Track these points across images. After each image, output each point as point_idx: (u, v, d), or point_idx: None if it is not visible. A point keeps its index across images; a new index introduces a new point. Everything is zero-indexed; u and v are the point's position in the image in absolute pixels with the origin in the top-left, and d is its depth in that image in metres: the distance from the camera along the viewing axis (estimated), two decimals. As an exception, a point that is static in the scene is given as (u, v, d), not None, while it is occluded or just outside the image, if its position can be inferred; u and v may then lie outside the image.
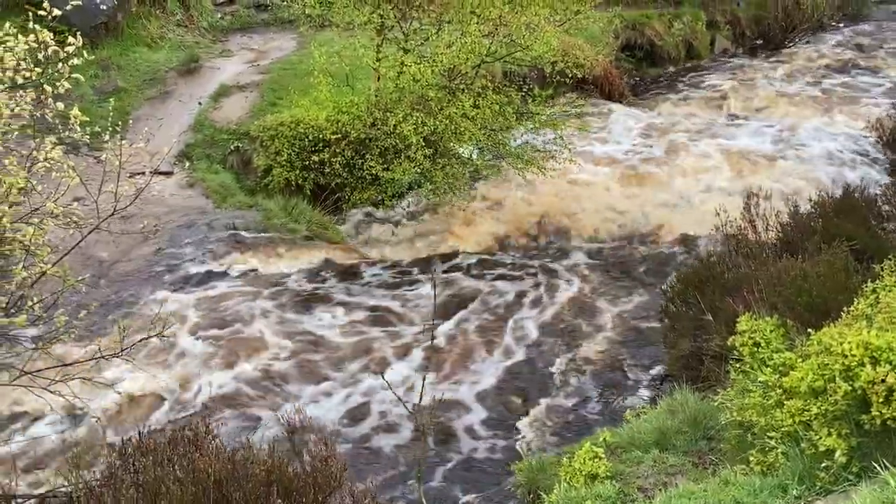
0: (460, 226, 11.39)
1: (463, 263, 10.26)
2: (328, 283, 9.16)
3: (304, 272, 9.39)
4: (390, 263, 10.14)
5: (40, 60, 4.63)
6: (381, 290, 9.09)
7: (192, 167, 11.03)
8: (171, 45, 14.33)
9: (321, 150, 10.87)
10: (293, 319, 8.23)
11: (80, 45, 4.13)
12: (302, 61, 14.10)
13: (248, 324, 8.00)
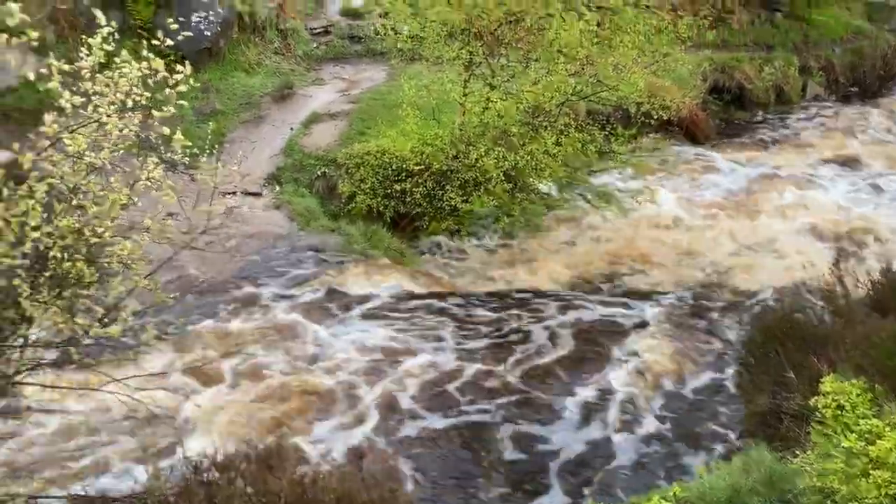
0: (534, 261, 11.35)
1: (534, 300, 10.21)
2: (401, 309, 9.27)
3: (379, 297, 9.53)
4: (462, 294, 10.20)
5: (150, 85, 4.92)
6: (450, 319, 9.13)
7: (280, 190, 11.43)
8: (268, 72, 14.96)
9: (404, 180, 11.09)
10: (365, 340, 8.36)
11: (189, 73, 4.37)
12: (391, 92, 14.48)
13: (322, 343, 8.17)
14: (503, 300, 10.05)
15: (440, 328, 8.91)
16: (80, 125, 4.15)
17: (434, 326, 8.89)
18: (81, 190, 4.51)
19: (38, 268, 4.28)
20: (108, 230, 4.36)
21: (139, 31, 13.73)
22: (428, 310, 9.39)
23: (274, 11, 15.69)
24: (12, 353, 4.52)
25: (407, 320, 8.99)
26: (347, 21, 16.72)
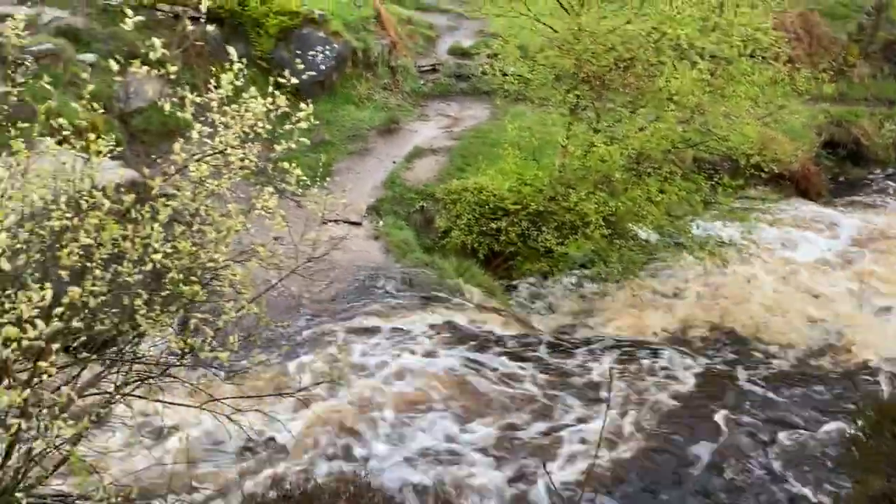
0: (629, 310, 11.10)
1: (626, 349, 9.93)
2: (488, 347, 9.21)
3: (467, 333, 9.52)
4: (553, 337, 10.05)
5: (271, 118, 5.13)
6: (540, 364, 8.99)
7: (379, 221, 11.68)
8: (376, 106, 15.41)
9: (499, 218, 11.12)
10: (449, 376, 8.33)
11: (310, 112, 4.54)
12: (493, 131, 14.64)
13: (411, 375, 8.20)
14: (592, 347, 9.83)
15: (523, 371, 8.78)
16: (206, 154, 4.36)
17: (517, 368, 8.77)
18: (200, 214, 4.74)
19: (154, 286, 4.51)
20: (222, 255, 4.56)
21: (259, 62, 14.50)
22: (513, 350, 9.28)
23: (386, 49, 16.21)
24: (123, 366, 4.76)
25: (490, 358, 8.91)
26: (455, 60, 17.07)
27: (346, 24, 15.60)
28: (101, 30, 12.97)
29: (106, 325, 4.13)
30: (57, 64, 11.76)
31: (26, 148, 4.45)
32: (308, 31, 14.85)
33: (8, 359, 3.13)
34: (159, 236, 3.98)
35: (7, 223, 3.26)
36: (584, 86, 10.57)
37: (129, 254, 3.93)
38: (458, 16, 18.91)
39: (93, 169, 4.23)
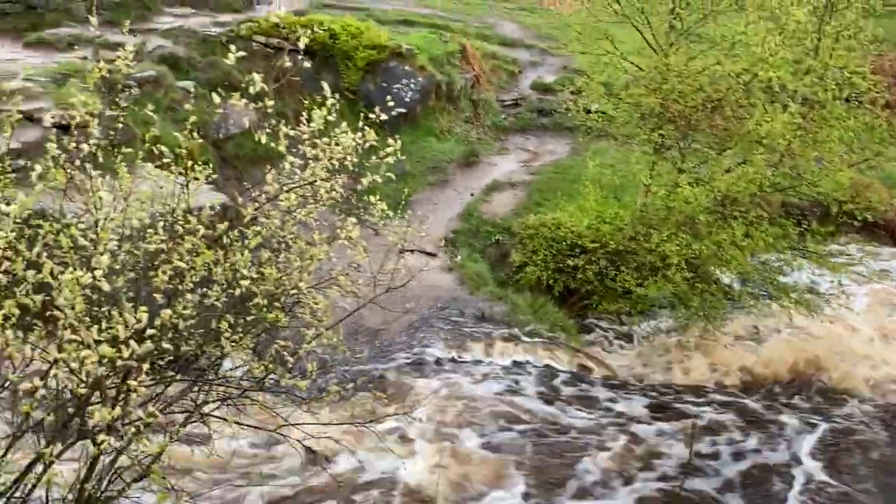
0: (709, 356, 10.73)
1: (706, 397, 9.59)
2: (558, 386, 9.06)
3: (539, 371, 9.39)
4: (628, 380, 9.80)
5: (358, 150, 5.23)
6: (609, 405, 8.78)
7: (455, 252, 11.73)
8: (457, 139, 15.58)
9: (577, 256, 10.99)
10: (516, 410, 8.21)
11: (397, 148, 4.62)
12: (573, 167, 14.57)
13: (483, 407, 8.13)
14: (668, 392, 9.54)
15: (598, 413, 8.58)
16: (297, 185, 4.49)
17: (591, 410, 8.59)
18: (287, 242, 4.87)
19: (238, 310, 4.63)
20: (305, 282, 4.65)
21: (346, 93, 14.91)
22: (585, 391, 9.09)
23: (469, 83, 16.41)
24: (204, 385, 4.89)
25: (564, 399, 8.75)
26: (538, 95, 17.13)
27: (431, 59, 15.89)
28: (199, 58, 13.61)
29: (191, 345, 4.27)
30: (158, 90, 12.39)
31: (128, 171, 4.68)
32: (395, 65, 15.20)
33: (101, 376, 3.25)
34: (248, 262, 4.10)
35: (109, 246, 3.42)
36: (670, 125, 10.41)
37: (218, 278, 4.06)
38: (542, 51, 19.00)
39: (189, 194, 4.41)
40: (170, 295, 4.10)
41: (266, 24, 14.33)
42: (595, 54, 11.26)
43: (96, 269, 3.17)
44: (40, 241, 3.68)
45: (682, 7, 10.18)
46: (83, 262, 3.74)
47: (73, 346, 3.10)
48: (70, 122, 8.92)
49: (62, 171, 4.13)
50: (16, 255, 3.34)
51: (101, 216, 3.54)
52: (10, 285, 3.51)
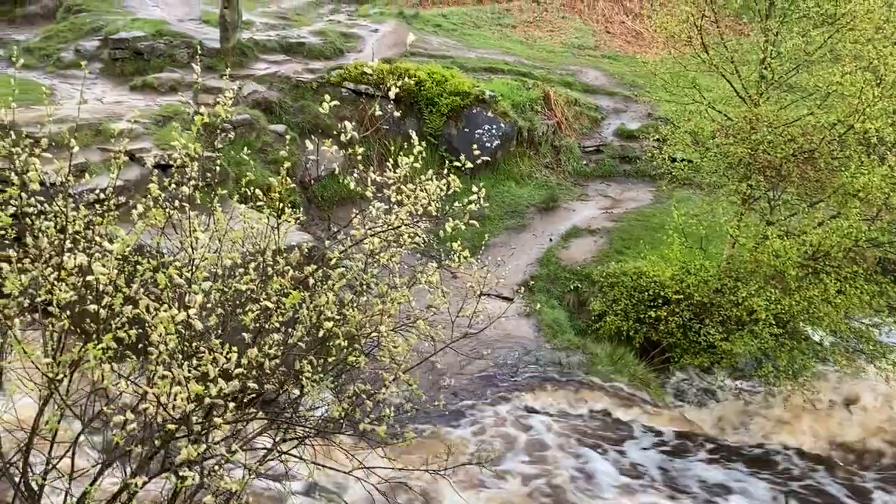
0: (797, 417, 10.21)
1: (792, 462, 9.09)
2: (637, 441, 8.77)
3: (620, 425, 9.14)
4: (708, 438, 9.40)
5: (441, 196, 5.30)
6: (698, 469, 8.42)
7: (531, 298, 11.62)
8: (537, 184, 15.58)
9: (659, 307, 10.72)
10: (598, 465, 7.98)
11: (482, 196, 4.65)
12: (655, 215, 14.30)
13: (559, 463, 7.94)
14: (752, 455, 9.08)
15: (675, 472, 8.25)
16: (382, 230, 4.57)
17: (668, 470, 8.26)
18: (369, 285, 4.95)
19: (319, 350, 4.71)
20: (385, 325, 4.70)
21: (429, 137, 15.19)
22: (668, 448, 8.77)
23: (551, 128, 16.45)
24: (283, 424, 4.97)
25: (641, 455, 8.46)
26: (620, 142, 16.99)
27: (514, 105, 16.03)
28: (291, 103, 14.17)
29: (274, 383, 4.36)
30: (251, 133, 12.94)
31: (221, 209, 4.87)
32: (477, 111, 15.40)
33: (189, 413, 3.35)
34: (332, 305, 4.18)
35: (203, 285, 3.55)
36: (759, 176, 10.10)
37: (303, 319, 4.15)
38: (625, 98, 18.89)
39: (279, 234, 4.55)
40: (256, 333, 4.21)
41: (355, 71, 14.82)
42: (681, 103, 11.11)
43: (190, 308, 3.29)
44: (138, 279, 3.86)
45: (773, 57, 9.96)
46: (178, 298, 3.90)
47: (165, 382, 3.21)
48: (170, 162, 9.42)
49: (161, 212, 4.33)
50: (116, 290, 3.51)
51: (196, 256, 3.70)
52: (108, 319, 3.68)
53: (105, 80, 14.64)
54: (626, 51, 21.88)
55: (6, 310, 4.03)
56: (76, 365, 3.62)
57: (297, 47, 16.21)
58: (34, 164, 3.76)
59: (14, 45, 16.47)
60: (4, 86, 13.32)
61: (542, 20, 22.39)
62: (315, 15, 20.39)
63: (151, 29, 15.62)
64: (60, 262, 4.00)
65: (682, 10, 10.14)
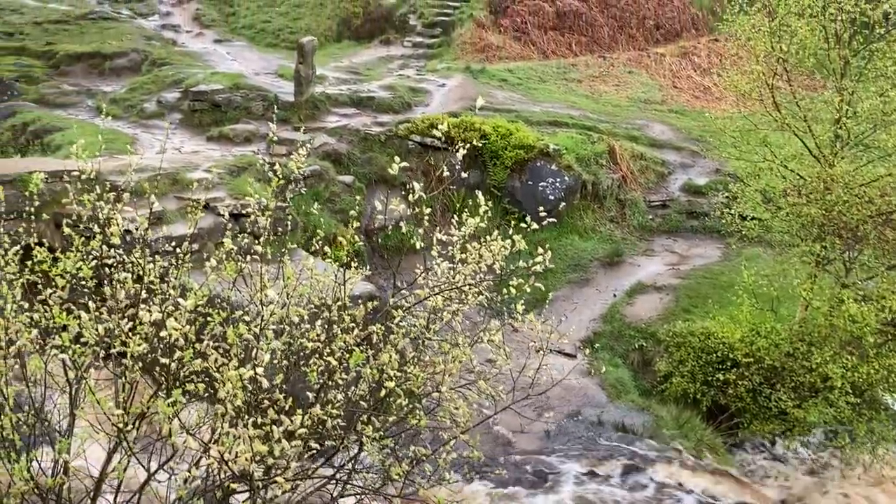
0: (877, 490, 9.64)
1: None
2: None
3: (683, 493, 8.78)
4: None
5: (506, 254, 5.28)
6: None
7: (594, 355, 11.40)
8: (600, 238, 15.42)
9: (728, 370, 10.37)
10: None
11: (547, 258, 4.62)
12: (723, 273, 13.93)
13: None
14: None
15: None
16: (446, 289, 4.58)
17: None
18: (430, 343, 4.94)
19: (380, 407, 4.71)
20: (445, 385, 4.67)
21: (492, 189, 15.28)
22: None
23: (616, 182, 16.34)
24: (341, 476, 4.95)
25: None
26: (688, 197, 16.72)
27: (578, 158, 16.01)
28: (359, 155, 14.50)
29: (334, 440, 4.36)
30: (320, 183, 13.27)
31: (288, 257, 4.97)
32: (541, 164, 15.44)
33: (253, 472, 3.38)
34: (395, 364, 4.19)
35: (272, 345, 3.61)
36: (833, 237, 9.78)
37: (365, 376, 4.16)
38: (692, 153, 18.64)
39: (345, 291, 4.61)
40: (319, 389, 4.24)
41: (422, 124, 15.09)
42: (751, 161, 10.90)
43: (258, 366, 3.35)
44: (208, 333, 3.95)
45: (849, 116, 9.70)
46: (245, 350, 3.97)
47: (230, 438, 3.25)
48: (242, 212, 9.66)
49: (233, 265, 4.44)
50: (187, 344, 3.61)
51: (265, 312, 3.77)
52: (178, 372, 3.77)
53: (184, 131, 15.30)
54: (693, 105, 21.67)
55: (82, 357, 4.17)
56: (144, 416, 3.71)
57: (366, 101, 16.65)
58: (116, 220, 3.93)
59: (102, 96, 17.45)
60: (93, 135, 14.08)
61: (608, 75, 22.45)
62: (385, 69, 20.94)
63: (229, 82, 16.31)
64: (136, 313, 4.14)
65: (753, 69, 10.01)
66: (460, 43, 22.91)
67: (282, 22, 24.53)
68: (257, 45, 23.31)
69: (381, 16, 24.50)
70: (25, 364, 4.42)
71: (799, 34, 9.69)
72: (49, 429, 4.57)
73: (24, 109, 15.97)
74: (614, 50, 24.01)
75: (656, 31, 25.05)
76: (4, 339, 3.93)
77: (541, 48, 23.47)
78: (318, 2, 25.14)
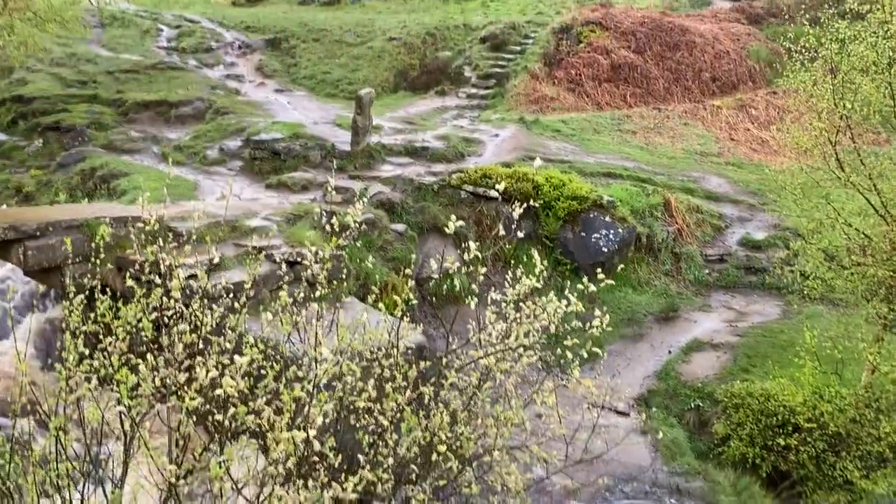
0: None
1: None
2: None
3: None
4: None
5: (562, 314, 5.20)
6: None
7: (648, 414, 11.08)
8: (655, 292, 15.13)
9: (789, 434, 9.93)
10: None
11: (606, 322, 4.53)
12: (783, 331, 13.49)
13: None
14: None
15: None
16: (499, 351, 4.52)
17: None
18: (481, 404, 4.86)
19: (428, 467, 4.63)
20: (499, 450, 4.58)
21: (544, 240, 15.20)
22: None
23: (671, 235, 16.09)
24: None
25: None
26: (745, 252, 16.34)
27: (633, 210, 15.86)
28: (412, 204, 14.63)
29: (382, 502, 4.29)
30: (373, 231, 13.40)
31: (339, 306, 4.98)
32: (594, 215, 15.32)
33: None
34: (446, 427, 4.12)
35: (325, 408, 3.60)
36: (903, 300, 9.40)
37: (416, 438, 4.10)
38: (750, 207, 18.29)
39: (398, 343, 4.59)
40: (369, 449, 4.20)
41: (475, 174, 15.19)
42: (812, 218, 10.60)
43: (311, 429, 3.33)
44: (262, 388, 3.96)
45: (918, 174, 9.41)
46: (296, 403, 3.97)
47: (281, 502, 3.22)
48: (298, 259, 9.79)
49: (289, 318, 4.47)
50: (241, 401, 3.62)
51: (320, 371, 3.77)
52: (231, 428, 3.78)
53: (243, 177, 15.72)
54: (751, 158, 21.35)
55: (137, 406, 4.22)
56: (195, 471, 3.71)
57: (420, 151, 16.88)
58: (178, 275, 4.00)
59: (167, 143, 18.12)
60: (156, 180, 14.57)
61: (663, 126, 22.33)
62: (439, 120, 21.26)
63: (289, 131, 16.76)
64: (192, 365, 4.18)
65: (815, 126, 9.81)
66: (514, 94, 23.16)
67: (341, 73, 25.24)
68: (317, 94, 23.99)
69: (437, 68, 25.00)
70: (83, 412, 4.50)
71: (863, 91, 9.48)
72: (103, 477, 4.62)
73: (94, 155, 16.66)
74: (669, 102, 23.95)
75: (712, 83, 24.93)
76: (65, 388, 4.01)
77: (595, 100, 23.55)
78: (377, 54, 25.83)
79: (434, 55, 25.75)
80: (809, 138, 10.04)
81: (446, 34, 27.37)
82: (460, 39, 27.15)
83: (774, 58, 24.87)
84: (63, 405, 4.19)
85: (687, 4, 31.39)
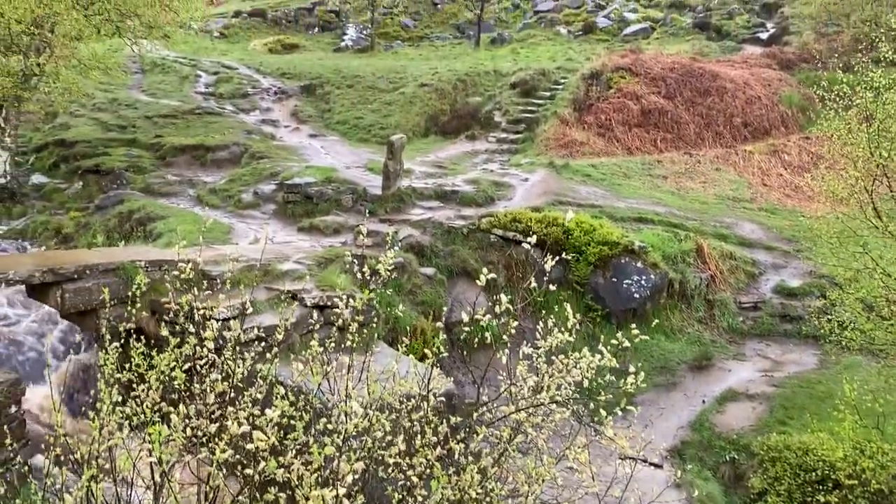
0: None
1: None
2: None
3: None
4: None
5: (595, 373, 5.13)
6: None
7: (682, 467, 10.82)
8: (688, 339, 14.90)
9: (829, 491, 9.60)
10: None
11: (641, 380, 4.47)
12: (821, 382, 13.15)
13: None
14: None
15: None
16: (530, 406, 4.46)
17: None
18: (513, 458, 4.79)
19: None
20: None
21: (574, 285, 15.10)
22: None
23: (704, 282, 15.89)
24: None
25: None
26: (780, 300, 16.04)
27: (664, 256, 15.71)
28: (442, 247, 14.67)
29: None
30: (402, 275, 13.44)
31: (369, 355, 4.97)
32: (626, 261, 15.21)
33: None
34: (476, 485, 4.06)
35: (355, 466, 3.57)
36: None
37: (448, 496, 4.04)
38: (784, 254, 18.03)
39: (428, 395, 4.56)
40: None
41: (504, 218, 15.22)
42: (849, 267, 10.41)
43: (341, 487, 3.30)
44: (291, 440, 3.95)
45: (958, 224, 9.22)
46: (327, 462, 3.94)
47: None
48: (328, 304, 9.82)
49: (319, 370, 4.47)
50: (271, 456, 3.61)
51: (350, 426, 3.75)
52: (261, 481, 3.76)
53: (277, 221, 15.93)
54: (784, 204, 21.12)
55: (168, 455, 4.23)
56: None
57: (450, 195, 16.99)
58: (212, 326, 4.04)
59: (202, 186, 18.47)
60: (191, 223, 14.82)
61: (695, 171, 22.24)
62: (469, 164, 21.42)
63: (321, 176, 17.00)
64: (223, 414, 4.19)
65: (850, 174, 9.70)
66: (544, 139, 23.29)
67: (373, 118, 25.66)
68: (349, 139, 24.37)
69: (468, 113, 25.30)
70: (115, 459, 4.52)
71: (900, 139, 9.38)
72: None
73: (131, 198, 17.03)
74: (701, 147, 23.88)
75: (744, 128, 24.83)
76: (98, 437, 4.04)
77: (625, 144, 23.58)
78: (408, 99, 26.24)
79: (464, 100, 26.08)
80: (845, 187, 9.92)
81: (476, 80, 27.75)
82: (490, 85, 27.50)
83: (807, 103, 24.79)
84: (96, 454, 4.22)
85: (717, 50, 31.50)
